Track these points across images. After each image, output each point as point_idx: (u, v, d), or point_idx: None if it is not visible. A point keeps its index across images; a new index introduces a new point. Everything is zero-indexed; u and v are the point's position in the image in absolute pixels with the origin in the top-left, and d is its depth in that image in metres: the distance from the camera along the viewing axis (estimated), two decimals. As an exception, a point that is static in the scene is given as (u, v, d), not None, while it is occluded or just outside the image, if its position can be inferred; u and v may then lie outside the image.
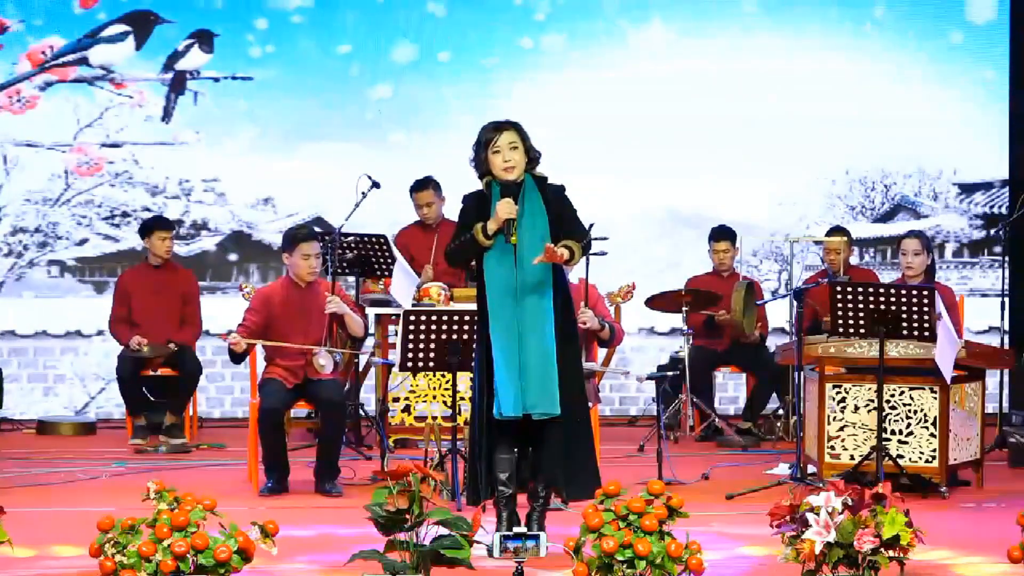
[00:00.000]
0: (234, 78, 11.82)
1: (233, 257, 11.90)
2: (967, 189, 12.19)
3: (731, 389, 11.89)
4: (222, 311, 11.07)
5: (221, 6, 11.79)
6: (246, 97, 11.82)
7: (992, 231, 11.96)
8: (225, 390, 11.78)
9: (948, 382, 8.23)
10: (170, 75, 11.78)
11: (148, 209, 11.64)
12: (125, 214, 11.80)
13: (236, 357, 8.36)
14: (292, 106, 11.85)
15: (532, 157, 6.75)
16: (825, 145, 12.01)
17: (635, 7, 12.02)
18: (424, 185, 10.60)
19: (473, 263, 6.87)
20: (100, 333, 11.38)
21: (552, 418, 6.61)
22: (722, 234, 10.85)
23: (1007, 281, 10.52)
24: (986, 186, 12.17)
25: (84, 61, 11.73)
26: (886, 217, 12.19)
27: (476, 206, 6.76)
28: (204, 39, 11.79)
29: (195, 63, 11.79)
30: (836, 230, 10.76)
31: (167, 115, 11.81)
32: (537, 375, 6.57)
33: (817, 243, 11.22)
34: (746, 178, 11.94)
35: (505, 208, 6.63)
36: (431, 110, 11.90)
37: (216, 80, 11.80)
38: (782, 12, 12.06)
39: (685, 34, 12.04)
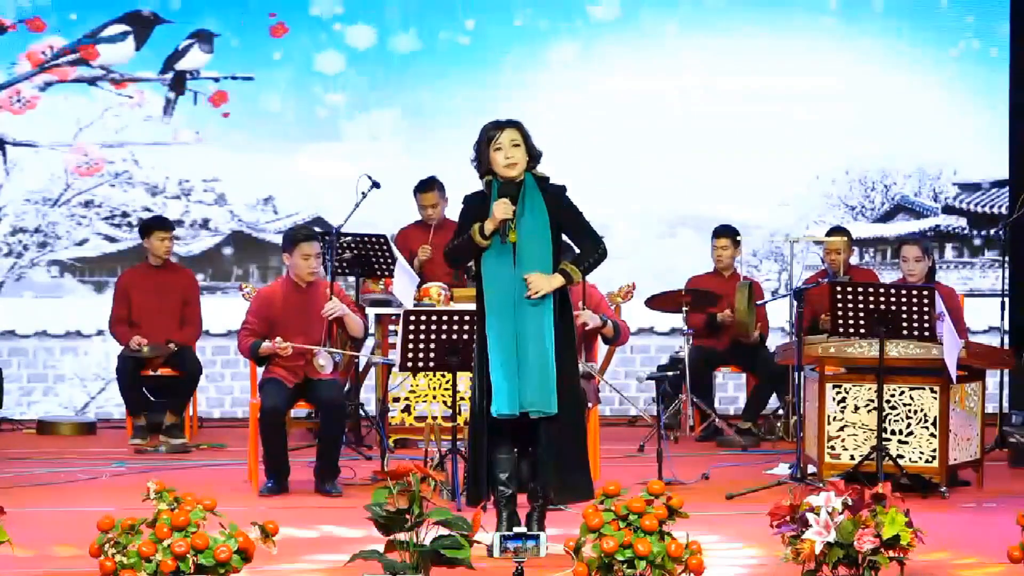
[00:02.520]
0: (234, 78, 11.82)
1: (233, 257, 11.90)
2: (967, 189, 12.18)
3: (731, 389, 11.89)
4: (222, 311, 11.08)
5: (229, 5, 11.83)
6: (246, 97, 11.81)
7: (992, 231, 11.95)
8: (225, 390, 11.78)
9: (954, 382, 8.23)
10: (170, 75, 11.78)
11: (148, 209, 11.63)
12: (125, 214, 11.80)
13: (262, 359, 8.40)
14: (292, 106, 11.85)
15: (533, 155, 6.74)
16: (825, 145, 12.01)
17: (635, 9, 12.01)
18: (429, 186, 10.59)
19: (472, 263, 6.88)
20: (100, 333, 11.38)
21: (548, 417, 6.61)
22: (723, 231, 10.87)
23: (1007, 281, 10.51)
24: (986, 186, 12.17)
25: (84, 61, 11.72)
26: (886, 217, 12.18)
27: (477, 206, 6.75)
28: (204, 39, 11.78)
29: (195, 63, 11.78)
30: (836, 230, 10.75)
31: (167, 115, 11.81)
32: (535, 374, 6.56)
33: (817, 243, 11.22)
34: (746, 178, 11.93)
35: (501, 208, 6.61)
36: (432, 111, 11.89)
37: (216, 80, 11.80)
38: (782, 13, 12.06)
39: (685, 35, 12.03)
